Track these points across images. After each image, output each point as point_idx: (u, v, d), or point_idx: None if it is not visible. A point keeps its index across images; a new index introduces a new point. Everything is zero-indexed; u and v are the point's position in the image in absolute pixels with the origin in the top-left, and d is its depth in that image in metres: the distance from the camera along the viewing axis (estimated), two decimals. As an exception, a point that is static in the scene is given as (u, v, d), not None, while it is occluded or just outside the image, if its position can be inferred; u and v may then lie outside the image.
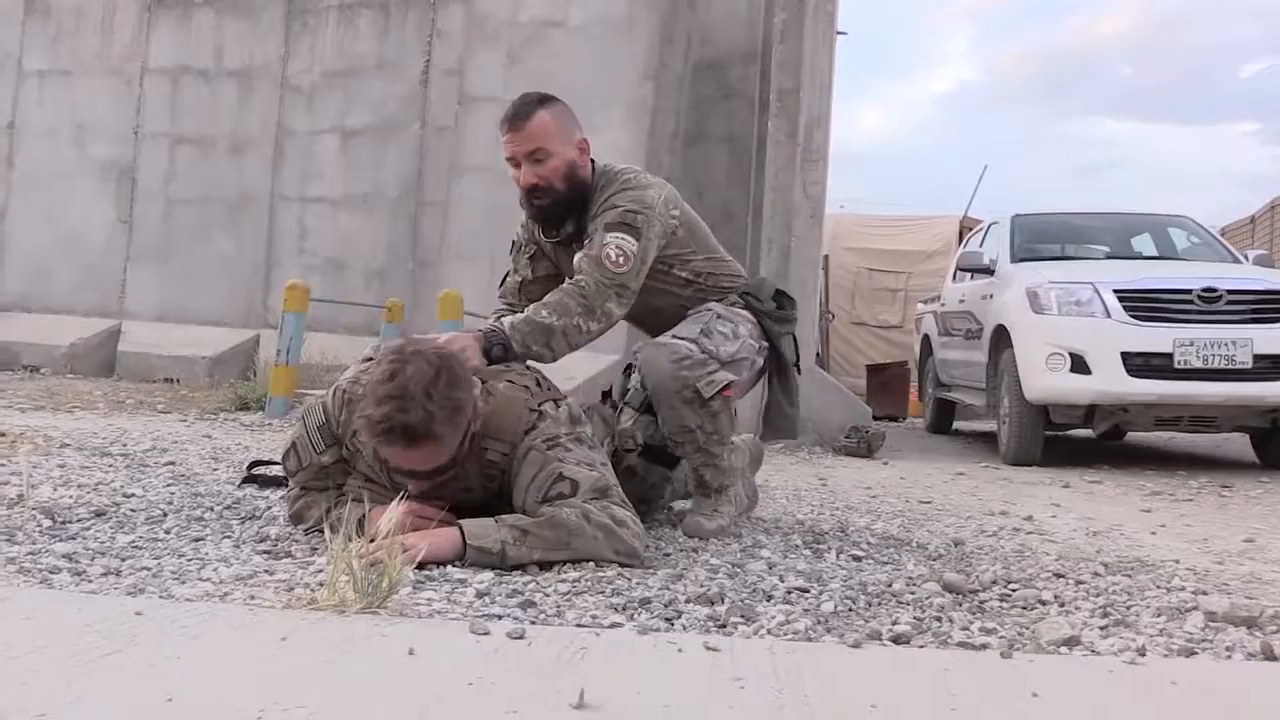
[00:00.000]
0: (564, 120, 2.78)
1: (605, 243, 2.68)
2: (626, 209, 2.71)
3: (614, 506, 2.22)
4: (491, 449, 2.29)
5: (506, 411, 2.32)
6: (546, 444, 2.28)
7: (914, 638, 1.76)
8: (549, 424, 2.32)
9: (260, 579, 1.96)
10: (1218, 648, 1.85)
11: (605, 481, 2.26)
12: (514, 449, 2.29)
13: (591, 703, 1.17)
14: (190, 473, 3.48)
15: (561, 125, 2.77)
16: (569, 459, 2.26)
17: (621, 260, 2.66)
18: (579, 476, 2.23)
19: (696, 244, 2.93)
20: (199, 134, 8.45)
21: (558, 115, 2.77)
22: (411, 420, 2.05)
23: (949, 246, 11.78)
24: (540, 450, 2.27)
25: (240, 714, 1.09)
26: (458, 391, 2.13)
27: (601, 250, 2.67)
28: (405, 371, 2.09)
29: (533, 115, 2.74)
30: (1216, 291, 5.73)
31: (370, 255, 7.96)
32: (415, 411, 2.05)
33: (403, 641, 1.39)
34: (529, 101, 2.78)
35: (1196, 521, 3.89)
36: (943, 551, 2.80)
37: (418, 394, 2.06)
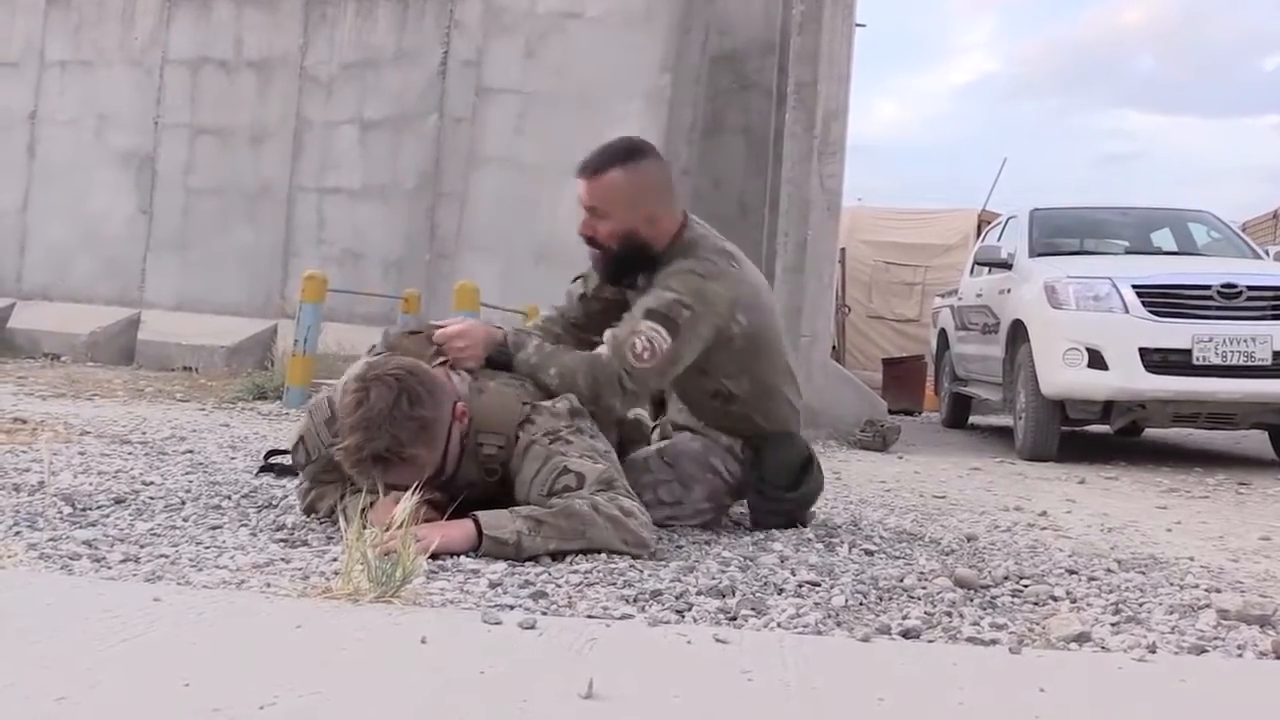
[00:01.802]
0: (638, 186, 2.57)
1: (638, 330, 2.45)
2: (677, 298, 2.46)
3: (621, 498, 2.22)
4: (487, 444, 2.29)
5: (498, 406, 2.33)
6: (548, 438, 2.27)
7: (924, 632, 1.77)
8: (546, 418, 2.31)
9: (276, 567, 1.98)
10: (1229, 646, 1.85)
11: (610, 474, 2.26)
12: (510, 442, 2.29)
13: (600, 693, 1.18)
14: (208, 461, 3.51)
15: (632, 192, 2.55)
16: (571, 451, 2.25)
17: (646, 356, 2.43)
18: (584, 469, 2.23)
19: (756, 366, 2.65)
20: (218, 124, 8.51)
21: (633, 179, 2.56)
22: (378, 447, 2.08)
23: (967, 240, 11.73)
24: (543, 445, 2.26)
25: (256, 699, 1.10)
26: (421, 409, 2.13)
27: (631, 336, 2.46)
28: (369, 399, 2.10)
29: (605, 172, 2.56)
30: (1236, 287, 5.69)
31: (387, 246, 8.00)
32: (381, 438, 2.08)
33: (416, 630, 1.41)
34: (610, 154, 2.59)
35: (1213, 519, 3.87)
36: (955, 547, 2.79)
37: (382, 420, 2.08)
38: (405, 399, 2.11)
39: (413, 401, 2.12)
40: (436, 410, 2.18)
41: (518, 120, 6.93)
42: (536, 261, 6.76)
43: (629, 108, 6.67)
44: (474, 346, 2.46)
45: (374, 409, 2.09)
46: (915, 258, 12.79)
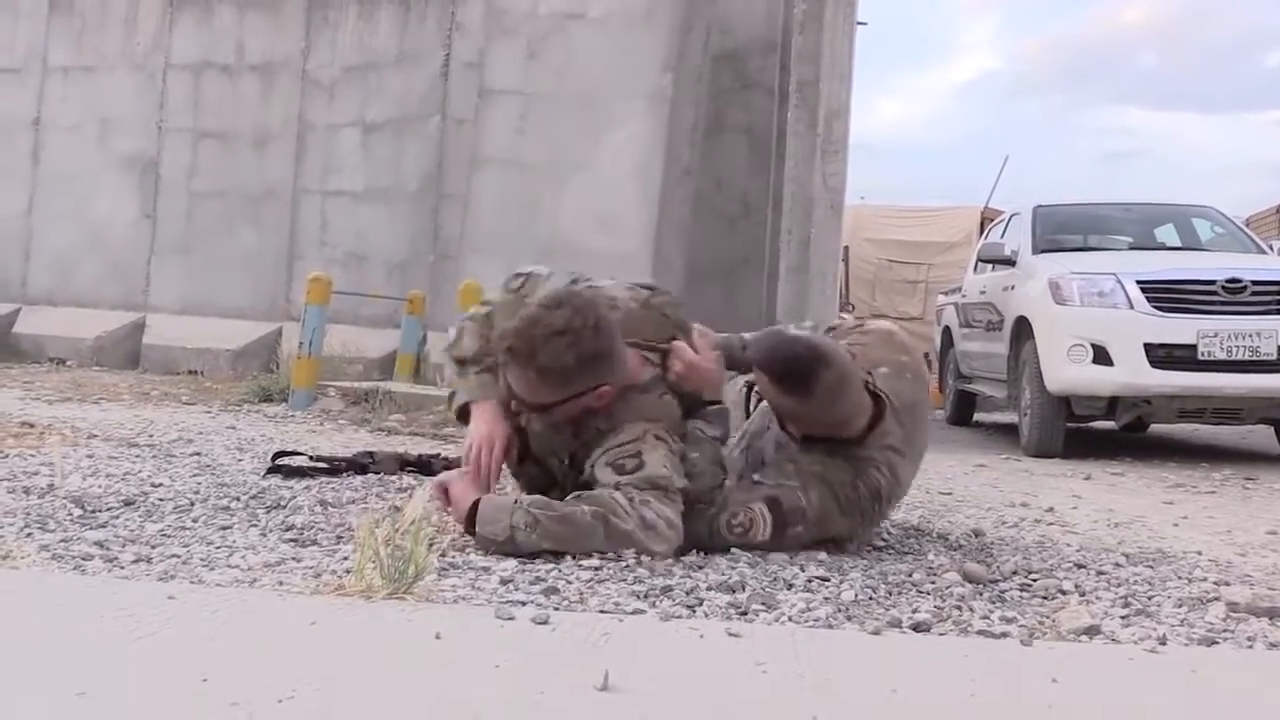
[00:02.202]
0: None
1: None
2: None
3: (654, 504, 2.18)
4: (601, 426, 2.31)
5: (651, 407, 2.34)
6: (647, 427, 2.29)
7: (934, 626, 1.77)
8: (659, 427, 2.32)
9: (288, 566, 1.99)
10: (1239, 638, 1.85)
11: (665, 480, 2.22)
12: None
13: (616, 685, 1.19)
14: (216, 463, 3.52)
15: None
16: (657, 448, 2.25)
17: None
18: (649, 460, 2.22)
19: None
20: (221, 128, 8.52)
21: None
22: (532, 344, 2.16)
23: (970, 238, 11.72)
24: (636, 428, 2.29)
25: (274, 694, 1.11)
26: (585, 348, 2.19)
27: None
28: (566, 311, 2.19)
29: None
30: (1241, 282, 5.67)
31: (391, 248, 8.02)
32: (552, 346, 2.16)
33: (429, 626, 1.42)
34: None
35: (1219, 513, 3.86)
36: (963, 542, 2.79)
37: (558, 330, 2.16)
38: (587, 334, 2.19)
39: (588, 339, 2.19)
40: (593, 369, 2.22)
41: (520, 121, 6.93)
42: (540, 261, 6.70)
43: (631, 108, 6.68)
44: (701, 382, 2.42)
45: (563, 318, 2.17)
46: (918, 256, 12.78)
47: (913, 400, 2.49)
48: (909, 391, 2.48)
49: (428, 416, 5.32)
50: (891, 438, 2.39)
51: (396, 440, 4.62)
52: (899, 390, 2.43)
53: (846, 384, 2.28)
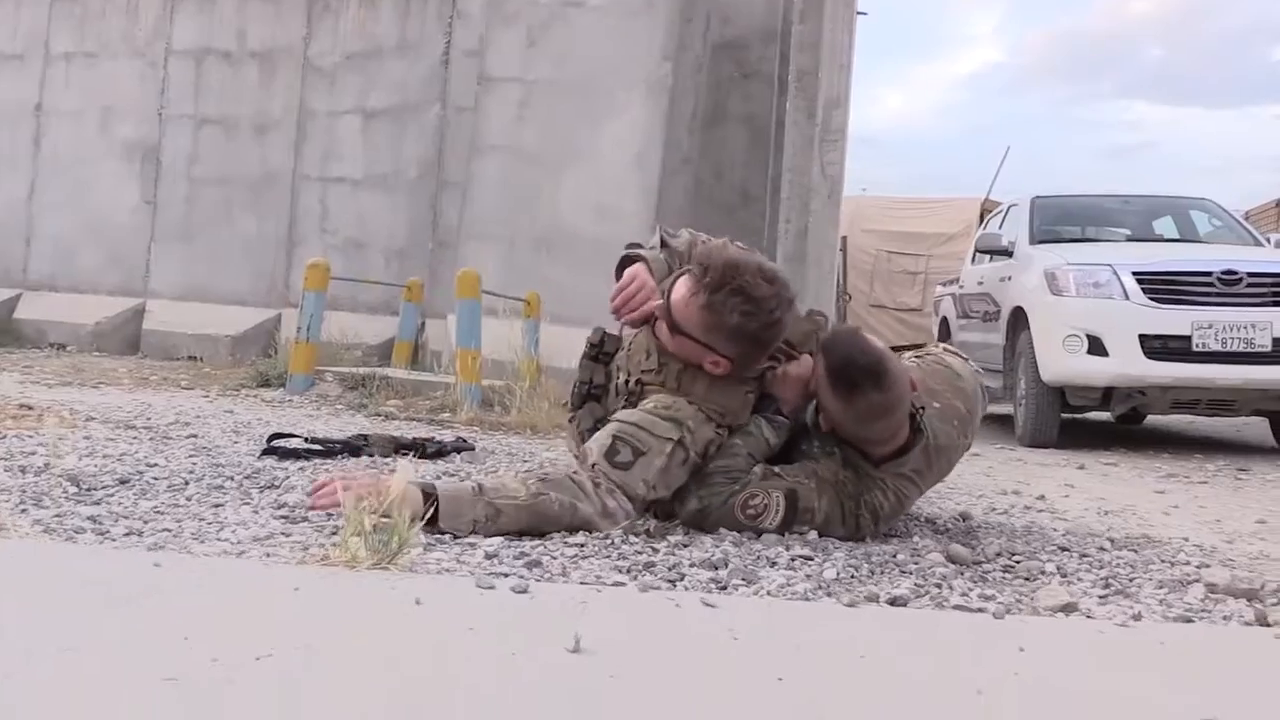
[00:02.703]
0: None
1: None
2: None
3: (618, 494, 2.22)
4: (672, 385, 2.37)
5: (726, 395, 2.39)
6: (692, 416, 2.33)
7: (911, 601, 1.79)
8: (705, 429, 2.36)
9: (276, 540, 2.01)
10: (1214, 617, 1.87)
11: (638, 495, 2.25)
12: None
13: (587, 647, 1.21)
14: (212, 445, 3.54)
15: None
16: (666, 451, 2.28)
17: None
18: (640, 465, 2.25)
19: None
20: (222, 115, 8.55)
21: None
22: (730, 299, 2.24)
23: (969, 229, 11.71)
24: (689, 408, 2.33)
25: (252, 651, 1.14)
26: (758, 340, 2.31)
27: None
28: (772, 294, 2.28)
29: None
30: (1236, 274, 5.69)
31: (390, 235, 8.04)
32: (734, 304, 2.24)
33: (410, 593, 1.44)
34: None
35: (1210, 503, 3.88)
36: (950, 526, 2.81)
37: (757, 302, 2.26)
38: (764, 317, 2.28)
39: (762, 322, 2.28)
40: (741, 345, 2.31)
41: (520, 109, 6.95)
42: (538, 249, 6.78)
43: (630, 96, 6.69)
44: (790, 395, 2.48)
45: (765, 290, 2.27)
46: (918, 247, 12.78)
47: (949, 445, 2.50)
48: (949, 435, 2.48)
49: (424, 402, 5.35)
50: (909, 467, 2.42)
51: (392, 425, 4.64)
52: (940, 431, 2.45)
53: (890, 412, 2.30)
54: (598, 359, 2.55)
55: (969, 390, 2.56)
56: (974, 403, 2.58)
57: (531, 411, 4.77)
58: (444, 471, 3.23)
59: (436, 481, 2.22)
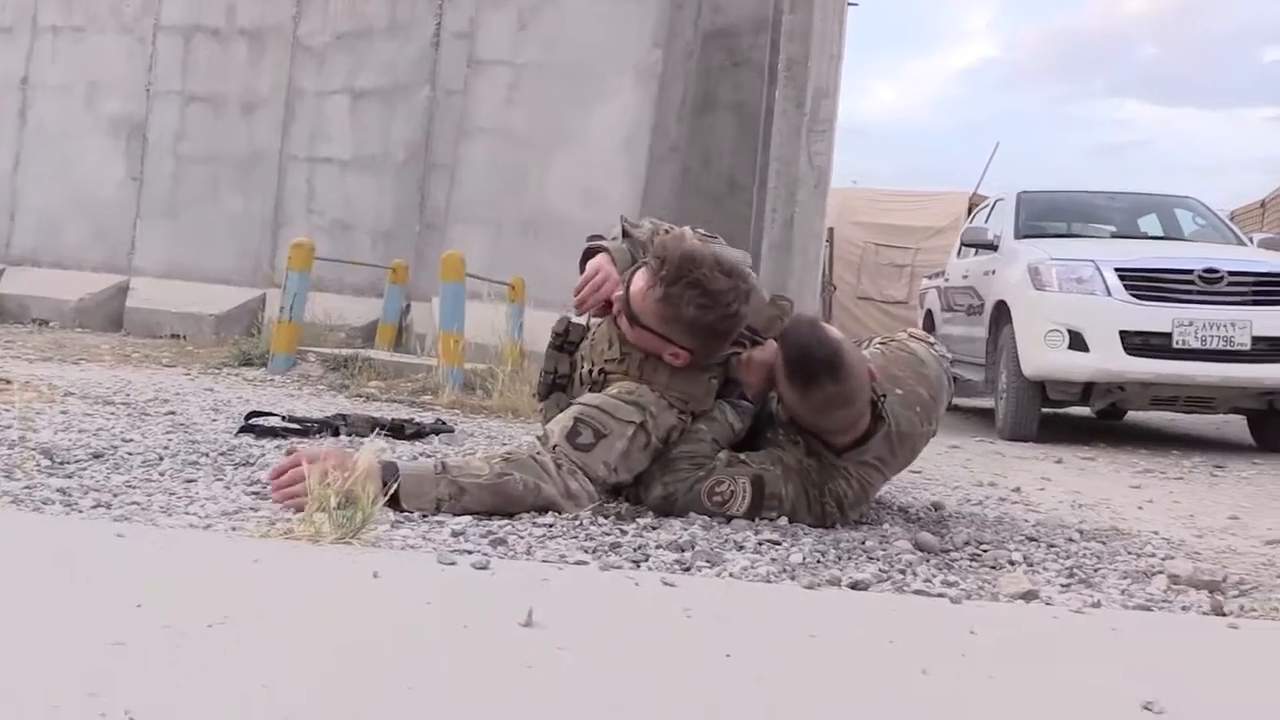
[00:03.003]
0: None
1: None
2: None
3: (580, 475, 2.23)
4: (634, 372, 2.38)
5: (688, 383, 2.39)
6: (626, 391, 2.34)
7: (872, 585, 1.80)
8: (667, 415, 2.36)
9: (244, 515, 2.01)
10: (1174, 607, 1.89)
11: (599, 478, 2.26)
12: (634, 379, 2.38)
13: (540, 622, 1.22)
14: (190, 422, 3.54)
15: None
16: (626, 435, 2.29)
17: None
18: (601, 448, 2.26)
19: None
20: (210, 92, 8.50)
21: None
22: (687, 291, 2.25)
23: (957, 223, 11.73)
24: (651, 394, 2.33)
25: (205, 619, 1.14)
26: (715, 333, 2.32)
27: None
28: (730, 288, 2.28)
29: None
30: (1218, 272, 5.72)
31: (377, 216, 8.02)
32: (692, 296, 2.25)
33: (369, 567, 1.45)
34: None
35: (1185, 498, 3.91)
36: (922, 515, 2.82)
37: (714, 295, 2.26)
38: (721, 310, 2.29)
39: (718, 316, 2.29)
40: (702, 338, 2.32)
41: (509, 92, 6.93)
42: (525, 233, 6.78)
43: (620, 82, 6.68)
44: (754, 380, 2.49)
45: (724, 284, 2.28)
46: (905, 240, 12.80)
47: (912, 431, 2.51)
48: (912, 422, 2.49)
49: (406, 384, 5.35)
50: (872, 455, 2.43)
51: (374, 406, 4.64)
52: (903, 418, 2.45)
53: (847, 403, 2.30)
54: (562, 348, 2.56)
55: (932, 376, 2.56)
56: (938, 389, 2.58)
57: (513, 395, 4.78)
58: (421, 453, 3.23)
59: (399, 460, 2.22)
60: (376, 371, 5.58)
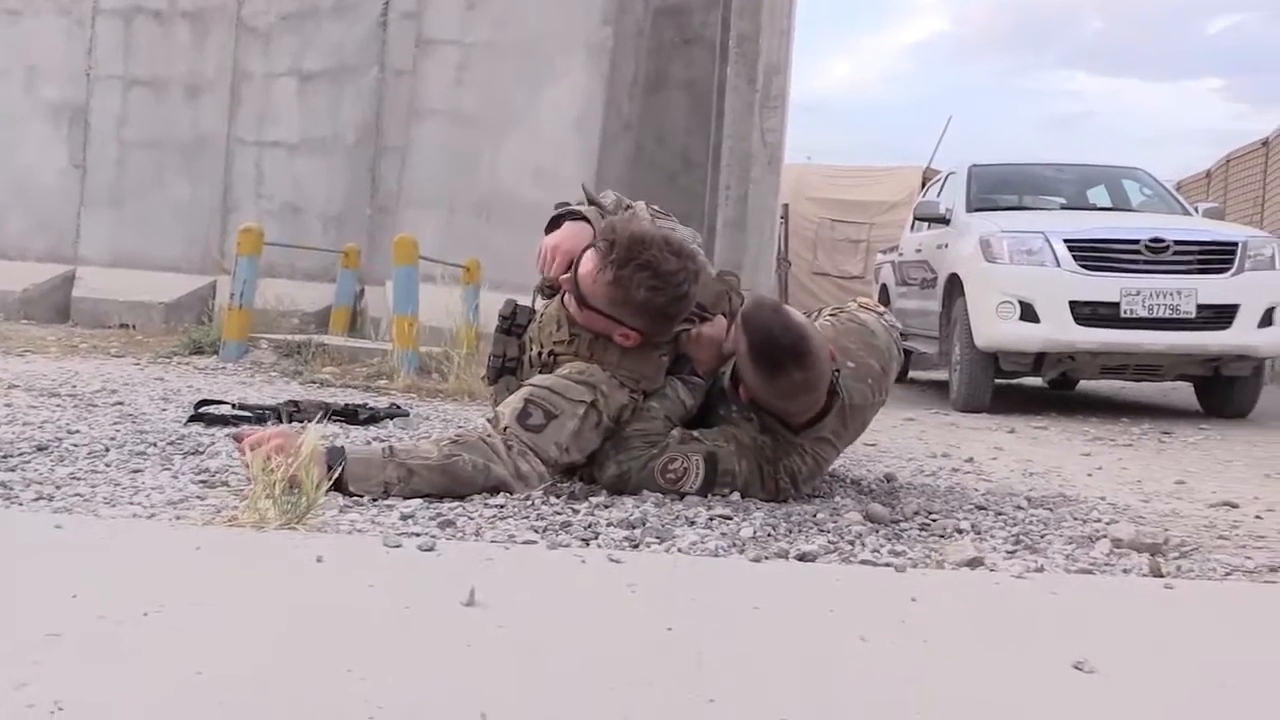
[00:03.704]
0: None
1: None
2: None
3: (531, 457, 2.23)
4: (584, 353, 2.38)
5: (639, 362, 2.39)
6: (578, 371, 2.34)
7: (820, 557, 1.82)
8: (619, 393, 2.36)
9: (190, 503, 1.99)
10: (1116, 570, 1.92)
11: (550, 459, 2.26)
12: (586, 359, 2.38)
13: (482, 601, 1.22)
14: (138, 412, 3.48)
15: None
16: (578, 415, 2.29)
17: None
18: (552, 428, 2.26)
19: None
20: (153, 76, 8.32)
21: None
22: (637, 273, 2.24)
23: (912, 197, 11.80)
24: (571, 369, 2.34)
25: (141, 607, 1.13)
26: (666, 315, 2.34)
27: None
28: (679, 268, 2.28)
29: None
30: (1164, 242, 5.81)
31: (328, 200, 7.92)
32: (642, 278, 2.25)
33: (312, 552, 1.44)
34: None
35: (1133, 465, 3.98)
36: (874, 487, 2.85)
37: (664, 276, 2.27)
38: (672, 292, 2.29)
39: (669, 297, 2.30)
40: (651, 320, 2.33)
41: (458, 72, 6.85)
42: (478, 214, 6.73)
43: (570, 61, 6.63)
44: (704, 356, 2.50)
45: (674, 265, 2.28)
46: (860, 215, 12.88)
47: (864, 404, 2.52)
48: (864, 395, 2.50)
49: (361, 369, 5.30)
50: (828, 429, 2.44)
51: (328, 392, 4.60)
52: (855, 390, 2.46)
53: (813, 389, 2.31)
54: (510, 332, 2.55)
55: (883, 347, 2.58)
56: (888, 360, 2.60)
57: (469, 378, 4.75)
58: (375, 438, 3.21)
59: (346, 444, 2.21)
60: (330, 357, 5.53)
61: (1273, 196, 10.14)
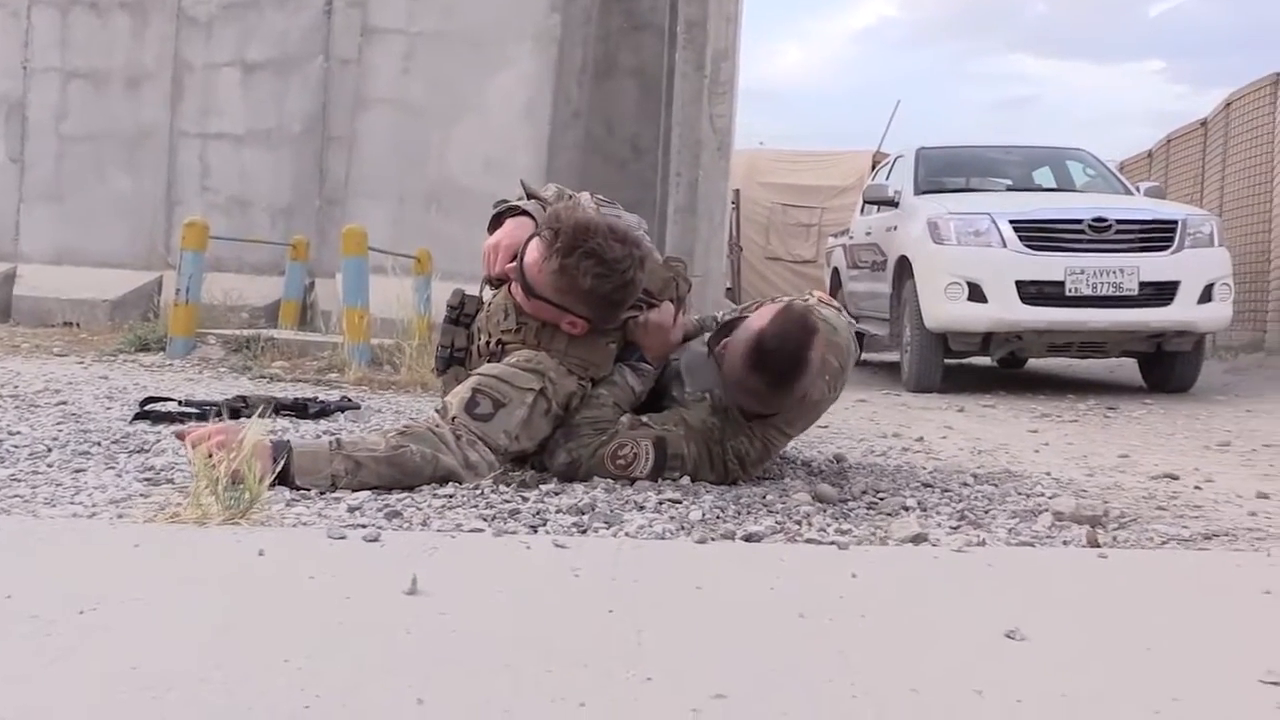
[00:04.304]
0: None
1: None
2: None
3: (480, 446, 2.22)
4: (532, 340, 2.37)
5: (588, 350, 2.39)
6: (528, 359, 2.33)
7: (766, 537, 1.84)
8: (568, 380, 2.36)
9: (133, 502, 1.96)
10: (1056, 542, 1.96)
11: (499, 447, 2.26)
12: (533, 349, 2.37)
13: (425, 589, 1.22)
14: (82, 411, 3.43)
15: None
16: (526, 402, 2.28)
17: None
18: (500, 417, 2.25)
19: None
20: (91, 68, 8.15)
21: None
22: (583, 261, 2.24)
23: (862, 181, 11.89)
24: (521, 357, 2.33)
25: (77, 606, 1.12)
26: (611, 302, 2.33)
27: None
28: (625, 255, 2.28)
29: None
30: (1106, 221, 5.92)
31: (275, 192, 7.81)
32: (587, 266, 2.25)
33: (254, 546, 1.43)
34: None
35: (1079, 440, 4.06)
36: (824, 467, 2.88)
37: (611, 263, 2.26)
38: (618, 279, 2.29)
39: (615, 284, 2.30)
40: (597, 307, 2.33)
41: (405, 61, 6.79)
42: (428, 204, 6.68)
43: (519, 49, 6.60)
44: (653, 343, 2.49)
45: (618, 252, 2.28)
46: (811, 199, 12.95)
47: (820, 399, 2.53)
48: (821, 391, 2.49)
49: (312, 363, 5.26)
50: (780, 420, 2.45)
51: (278, 387, 4.55)
52: (814, 387, 2.43)
53: (798, 395, 2.31)
54: (458, 321, 2.54)
55: (843, 344, 2.59)
56: (846, 356, 2.62)
57: (421, 369, 4.72)
58: (325, 431, 3.18)
59: (293, 438, 2.19)
60: (280, 351, 5.47)
61: (1211, 175, 10.36)
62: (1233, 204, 9.65)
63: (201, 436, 1.94)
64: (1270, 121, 8.91)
